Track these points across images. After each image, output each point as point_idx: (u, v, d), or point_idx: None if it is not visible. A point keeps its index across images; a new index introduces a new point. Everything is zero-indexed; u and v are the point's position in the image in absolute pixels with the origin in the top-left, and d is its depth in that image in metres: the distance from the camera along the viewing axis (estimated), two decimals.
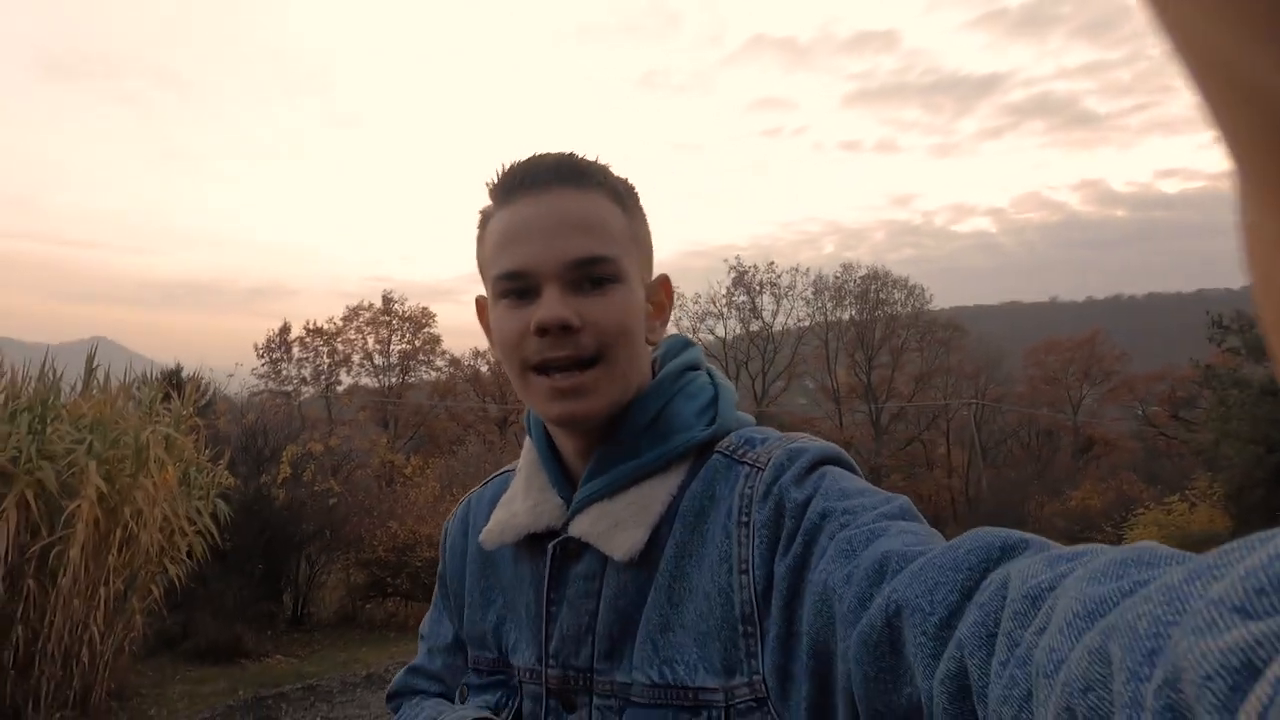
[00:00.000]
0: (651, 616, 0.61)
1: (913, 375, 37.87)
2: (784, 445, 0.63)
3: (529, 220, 0.64)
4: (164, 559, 6.28)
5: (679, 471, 0.65)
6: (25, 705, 5.22)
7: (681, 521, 0.63)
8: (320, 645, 9.06)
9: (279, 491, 9.39)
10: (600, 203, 0.66)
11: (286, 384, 33.79)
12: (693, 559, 0.61)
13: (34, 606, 5.28)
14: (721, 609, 0.58)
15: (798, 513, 0.55)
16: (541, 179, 0.65)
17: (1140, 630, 0.26)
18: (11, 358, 6.13)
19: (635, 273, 0.67)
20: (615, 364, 0.64)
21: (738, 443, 0.66)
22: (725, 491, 0.62)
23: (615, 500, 0.64)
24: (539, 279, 0.63)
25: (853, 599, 0.44)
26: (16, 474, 5.15)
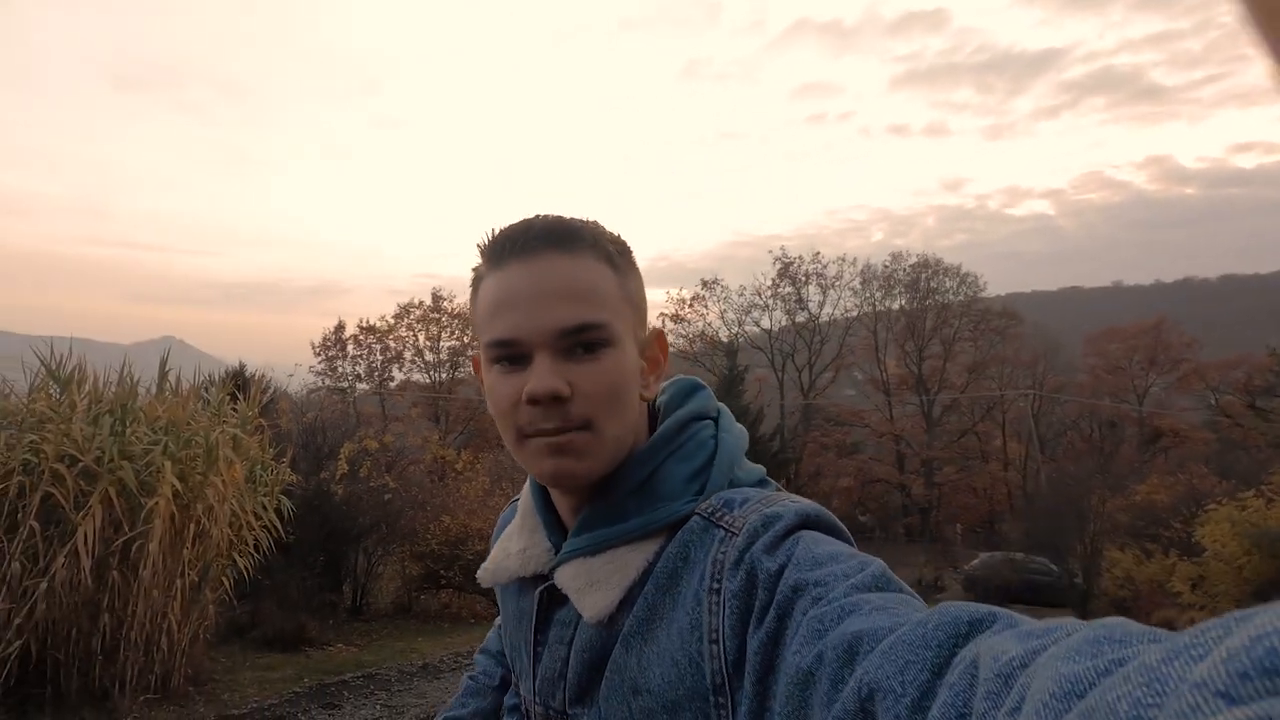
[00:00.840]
0: (619, 678, 0.61)
1: (966, 365, 36.81)
2: (760, 510, 0.60)
3: (519, 287, 0.64)
4: (233, 552, 6.62)
5: (660, 538, 0.64)
6: (113, 687, 5.59)
7: (655, 583, 0.62)
8: (378, 635, 9.40)
9: (337, 487, 9.76)
10: (591, 266, 0.65)
11: (342, 381, 34.96)
12: (663, 622, 0.60)
13: (118, 596, 5.64)
14: (692, 678, 0.57)
15: (770, 584, 0.53)
16: (531, 245, 0.65)
17: (1120, 713, 0.25)
18: (90, 358, 6.53)
19: (628, 333, 0.67)
20: (604, 430, 0.64)
21: (717, 504, 0.63)
22: (700, 555, 0.60)
23: (595, 558, 0.65)
24: (530, 347, 0.64)
25: (826, 683, 0.44)
26: (100, 473, 5.51)
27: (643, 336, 0.70)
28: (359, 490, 10.00)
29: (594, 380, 0.63)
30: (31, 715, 5.23)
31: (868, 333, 37.50)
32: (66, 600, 5.38)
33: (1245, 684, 0.22)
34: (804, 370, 37.13)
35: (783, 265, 36.88)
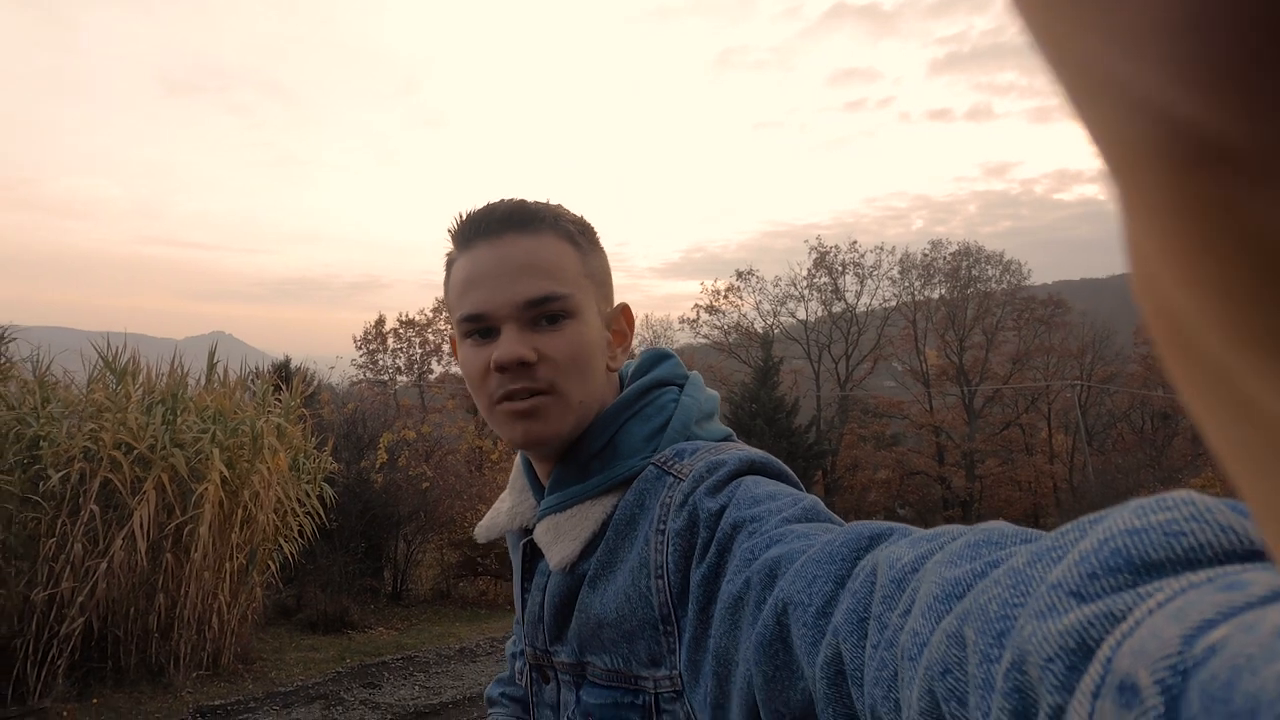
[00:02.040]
0: (585, 615, 0.68)
1: (1009, 355, 35.83)
2: (707, 457, 0.64)
3: (485, 266, 0.69)
4: (279, 537, 6.88)
5: (620, 491, 0.69)
6: (168, 664, 5.88)
7: (614, 530, 0.68)
8: (418, 619, 9.66)
9: (377, 476, 10.04)
10: (552, 244, 0.70)
11: (383, 373, 35.78)
12: (620, 564, 0.66)
13: (171, 578, 5.92)
14: (642, 610, 0.62)
15: (711, 523, 0.57)
16: (494, 227, 0.70)
17: (990, 613, 0.29)
18: (145, 352, 6.84)
19: (590, 306, 0.72)
20: (568, 394, 0.69)
21: (670, 455, 0.68)
22: (652, 501, 0.65)
23: (563, 514, 0.71)
24: (498, 320, 0.69)
25: (751, 604, 0.48)
26: (154, 460, 5.78)
27: (607, 311, 0.75)
28: (398, 479, 10.26)
29: (557, 348, 0.69)
30: (94, 688, 5.53)
31: (907, 323, 36.80)
32: (124, 580, 5.67)
33: (1093, 583, 0.25)
34: (840, 361, 36.64)
35: (819, 255, 36.43)
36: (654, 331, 39.65)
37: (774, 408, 28.42)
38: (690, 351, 41.40)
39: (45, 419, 5.78)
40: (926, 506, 36.53)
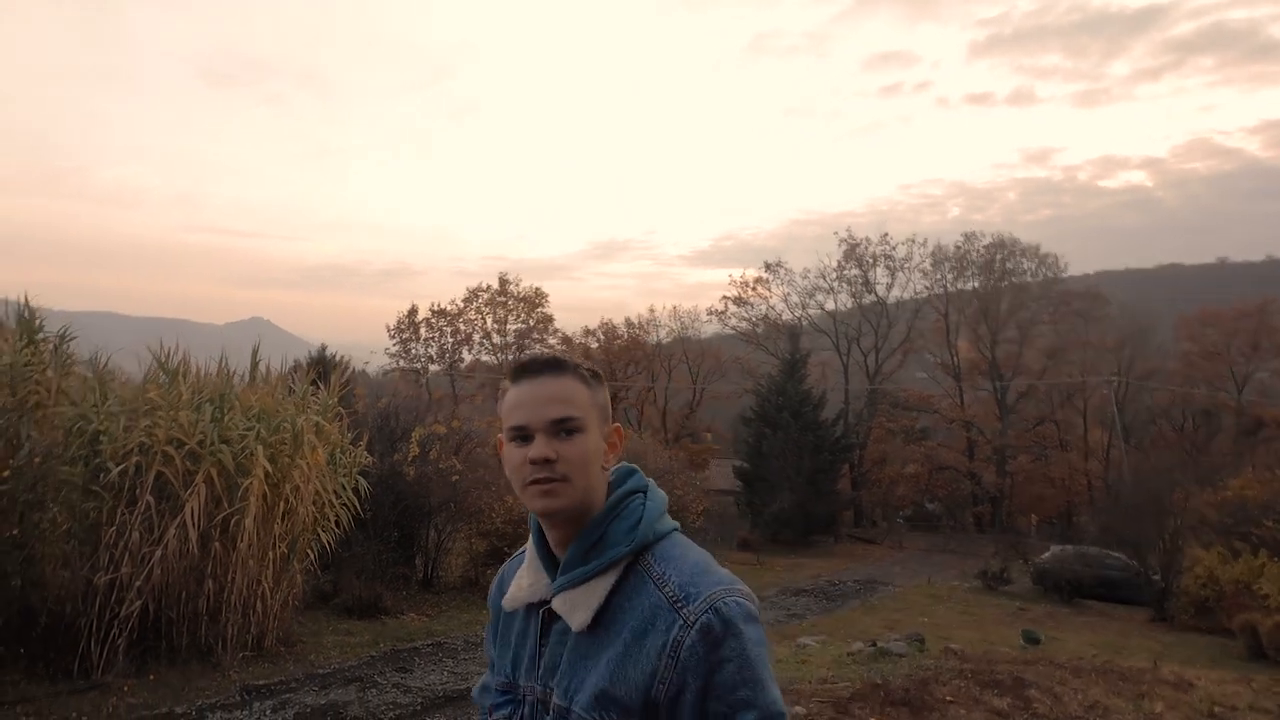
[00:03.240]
0: (593, 677, 0.95)
1: (1044, 350, 35.06)
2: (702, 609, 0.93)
3: (527, 395, 1.02)
4: (317, 527, 7.25)
5: (615, 572, 1.00)
6: (216, 645, 6.29)
7: (615, 609, 0.97)
8: (447, 606, 10.04)
9: (409, 468, 10.41)
10: (572, 384, 1.03)
11: (415, 362, 36.52)
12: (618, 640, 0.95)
13: (219, 565, 6.32)
14: (637, 695, 0.92)
15: (705, 691, 0.90)
16: (535, 370, 1.04)
17: None
18: (188, 338, 7.19)
19: (594, 427, 1.03)
20: (574, 482, 1.00)
21: (659, 568, 0.98)
22: (662, 624, 0.93)
23: (575, 591, 1.00)
24: (533, 431, 1.00)
25: None
26: (203, 455, 6.16)
27: (605, 429, 1.06)
28: (429, 471, 10.62)
29: (570, 452, 1.00)
30: (150, 665, 5.96)
31: (938, 315, 36.22)
32: (176, 567, 6.07)
33: None
34: (870, 354, 36.28)
35: (849, 247, 36.01)
36: (682, 323, 39.64)
37: (801, 400, 28.33)
38: (718, 343, 41.26)
39: (104, 416, 6.19)
40: (955, 502, 36.09)
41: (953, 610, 13.73)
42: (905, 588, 16.85)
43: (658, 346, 38.43)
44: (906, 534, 31.63)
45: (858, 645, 6.68)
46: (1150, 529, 17.28)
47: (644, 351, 37.64)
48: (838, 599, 14.45)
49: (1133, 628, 13.83)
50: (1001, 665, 5.32)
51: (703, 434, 36.71)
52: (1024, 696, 4.48)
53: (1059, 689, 4.78)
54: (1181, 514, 17.04)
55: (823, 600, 14.19)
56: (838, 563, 22.34)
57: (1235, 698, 5.23)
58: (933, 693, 4.37)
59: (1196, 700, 4.89)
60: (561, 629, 1.01)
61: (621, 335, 37.75)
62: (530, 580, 1.06)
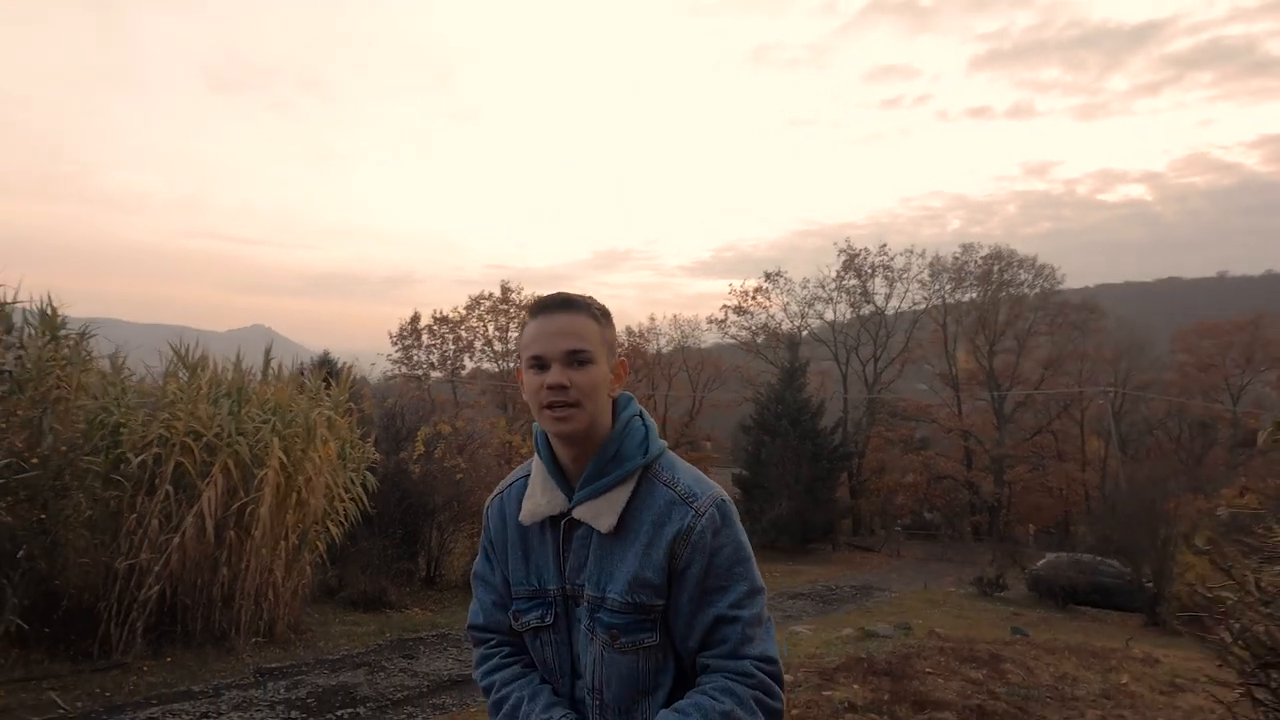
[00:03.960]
0: (623, 568, 1.16)
1: (1041, 361, 35.27)
2: (710, 501, 1.16)
3: (545, 329, 1.19)
4: (326, 520, 7.50)
5: (631, 482, 1.19)
6: (230, 630, 6.52)
7: (633, 512, 1.17)
8: (449, 603, 10.24)
9: (415, 466, 10.65)
10: (584, 320, 1.20)
11: (417, 369, 36.74)
12: (638, 538, 1.16)
13: (233, 553, 6.56)
14: (664, 573, 1.14)
15: (707, 569, 1.13)
16: (553, 306, 1.20)
17: None
18: (188, 344, 7.39)
19: (603, 358, 1.20)
20: (585, 407, 1.17)
21: (666, 474, 1.20)
22: (676, 516, 1.15)
23: (597, 500, 1.18)
24: (549, 360, 1.17)
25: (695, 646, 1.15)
26: (220, 446, 6.42)
27: (612, 363, 1.24)
28: (433, 470, 10.86)
29: (582, 380, 1.17)
30: (166, 648, 6.19)
31: (936, 326, 36.49)
32: (193, 554, 6.31)
33: None
34: (869, 364, 36.53)
35: (848, 258, 36.33)
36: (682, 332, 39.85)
37: (800, 409, 28.53)
38: (718, 352, 41.52)
39: (124, 409, 6.45)
40: (954, 511, 36.20)
41: (947, 614, 13.89)
42: (901, 593, 17.01)
43: (658, 355, 38.69)
44: (904, 542, 31.74)
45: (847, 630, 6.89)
46: (1144, 537, 17.49)
47: (644, 360, 37.87)
48: (834, 603, 14.63)
49: (1124, 632, 14.00)
50: (981, 646, 5.56)
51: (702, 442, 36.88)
52: (999, 669, 4.70)
53: (1032, 663, 5.01)
54: (1176, 522, 17.25)
55: (819, 604, 14.36)
56: (835, 570, 22.48)
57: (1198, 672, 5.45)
58: (913, 665, 4.60)
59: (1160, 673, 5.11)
60: (583, 534, 1.18)
61: (622, 344, 38.01)
62: (546, 497, 1.21)
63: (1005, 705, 3.80)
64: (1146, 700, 4.30)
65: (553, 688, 1.24)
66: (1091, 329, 34.65)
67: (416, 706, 5.47)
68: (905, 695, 3.80)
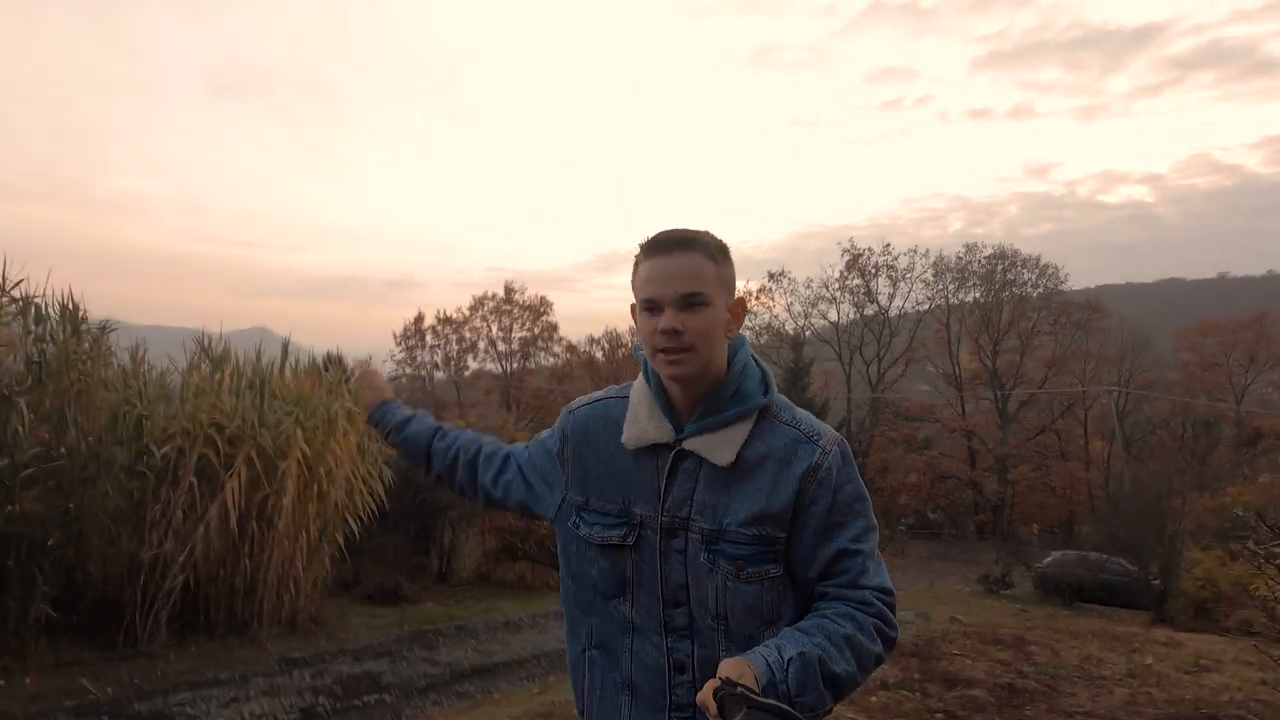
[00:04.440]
0: (746, 502, 1.14)
1: (1045, 360, 35.29)
2: (833, 441, 1.18)
3: (658, 271, 1.15)
4: (346, 513, 7.54)
5: (750, 420, 1.17)
6: (251, 620, 6.57)
7: (754, 449, 1.16)
8: (463, 597, 10.29)
9: None
10: (699, 260, 1.15)
11: (421, 369, 36.83)
12: (762, 473, 1.15)
13: (256, 544, 6.61)
14: (780, 507, 1.14)
15: (831, 505, 1.15)
16: (666, 246, 1.16)
17: None
18: (189, 347, 7.39)
19: (719, 300, 1.16)
20: (700, 351, 1.13)
21: (785, 414, 1.20)
22: (804, 454, 1.15)
23: (714, 434, 1.15)
24: (663, 304, 1.14)
25: (815, 577, 1.16)
26: (243, 438, 6.47)
27: (730, 302, 1.20)
28: None
29: (696, 324, 1.13)
30: (189, 637, 6.24)
31: (940, 326, 36.52)
32: (216, 545, 6.37)
33: None
34: (872, 364, 36.57)
35: (851, 257, 36.38)
36: None
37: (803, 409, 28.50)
38: None
39: (146, 401, 6.51)
40: (958, 510, 36.19)
41: (955, 610, 13.92)
42: (907, 592, 17.02)
43: None
44: (908, 542, 31.76)
45: None
46: (1150, 534, 17.51)
47: None
48: None
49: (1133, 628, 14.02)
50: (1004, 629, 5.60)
51: None
52: (1025, 651, 4.76)
53: (1057, 645, 5.06)
54: (1181, 519, 17.27)
55: None
56: None
57: (1221, 653, 5.49)
58: (940, 648, 4.65)
59: (1184, 654, 5.16)
60: (690, 467, 1.16)
61: (626, 344, 38.05)
62: (654, 425, 1.18)
63: (1034, 684, 3.87)
64: (1172, 679, 4.36)
65: (617, 610, 1.21)
66: (1095, 328, 34.69)
67: (440, 694, 5.52)
68: (935, 674, 3.86)
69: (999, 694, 3.62)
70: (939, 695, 3.54)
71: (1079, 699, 3.60)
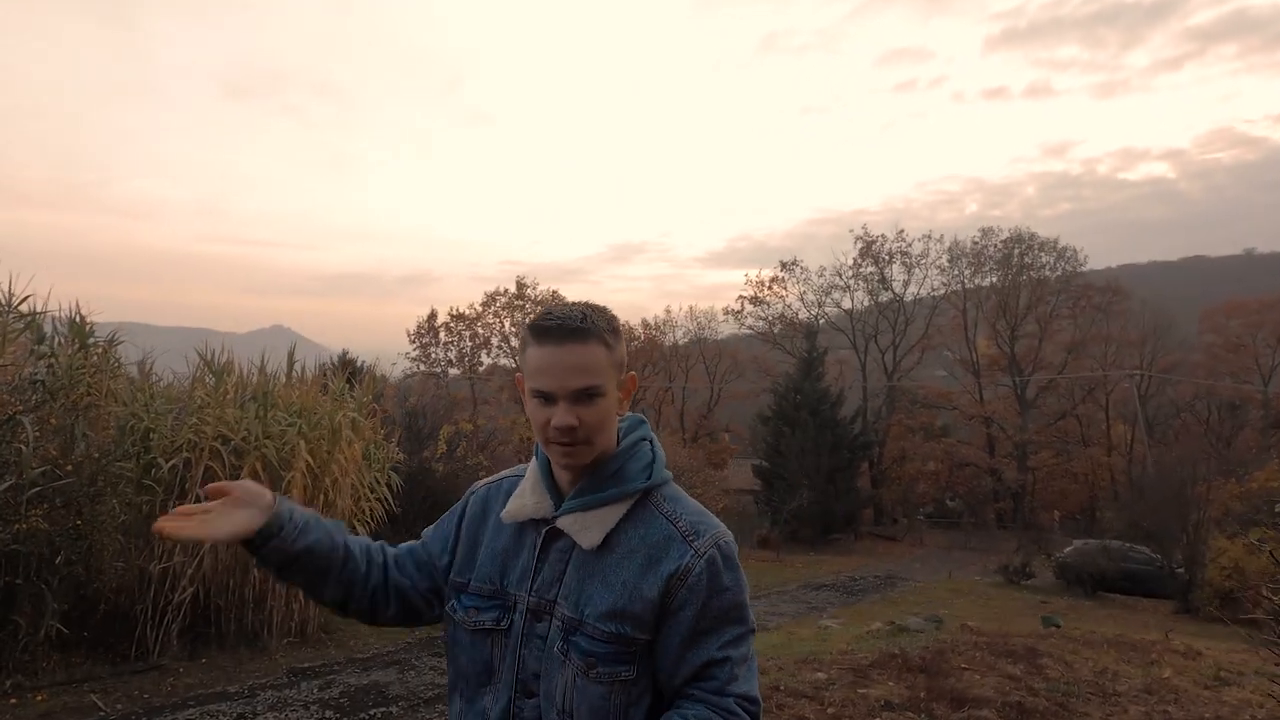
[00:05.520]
0: (607, 594, 1.08)
1: (1064, 344, 34.79)
2: (710, 543, 1.11)
3: (551, 361, 1.08)
4: (354, 520, 7.56)
5: (626, 503, 1.12)
6: (261, 631, 6.60)
7: (626, 536, 1.11)
8: None
9: (438, 465, 10.73)
10: (593, 351, 1.09)
11: (435, 366, 37.04)
12: (630, 563, 1.10)
13: None
14: (644, 609, 1.07)
15: (700, 613, 1.07)
16: (559, 336, 1.08)
17: None
18: (211, 348, 7.46)
19: (612, 384, 1.11)
20: (595, 442, 1.10)
21: (668, 506, 1.14)
22: (675, 553, 1.09)
23: (586, 514, 1.11)
24: (557, 397, 1.08)
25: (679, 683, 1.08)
26: (248, 450, 6.48)
27: (622, 379, 1.15)
28: (456, 468, 10.93)
29: (591, 416, 1.09)
30: (201, 649, 6.28)
31: (956, 312, 36.09)
32: (225, 556, 6.39)
33: None
34: (888, 351, 36.23)
35: (865, 244, 35.99)
36: (699, 323, 39.84)
37: (819, 399, 28.37)
38: (735, 343, 41.41)
39: (154, 414, 6.53)
40: (976, 499, 35.89)
41: (973, 603, 13.78)
42: (925, 583, 16.90)
43: (674, 347, 38.65)
44: (927, 531, 31.55)
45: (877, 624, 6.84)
46: (1174, 522, 17.20)
47: (661, 352, 37.88)
48: (857, 593, 14.56)
49: (1156, 619, 13.80)
50: (1016, 639, 5.48)
51: (721, 433, 36.85)
52: (1036, 664, 4.63)
53: (1070, 658, 4.93)
54: (1206, 506, 16.95)
55: (843, 594, 14.31)
56: (857, 560, 22.38)
57: (1243, 665, 5.34)
58: (949, 661, 4.54)
59: (1204, 667, 5.01)
60: (563, 547, 1.12)
61: (638, 336, 38.00)
62: (535, 500, 1.15)
63: (1045, 702, 3.76)
64: (1190, 695, 4.22)
65: (481, 700, 1.14)
66: (1115, 311, 34.11)
67: (448, 705, 5.50)
68: (942, 693, 3.76)
69: (1008, 714, 3.51)
70: (945, 717, 3.44)
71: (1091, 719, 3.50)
